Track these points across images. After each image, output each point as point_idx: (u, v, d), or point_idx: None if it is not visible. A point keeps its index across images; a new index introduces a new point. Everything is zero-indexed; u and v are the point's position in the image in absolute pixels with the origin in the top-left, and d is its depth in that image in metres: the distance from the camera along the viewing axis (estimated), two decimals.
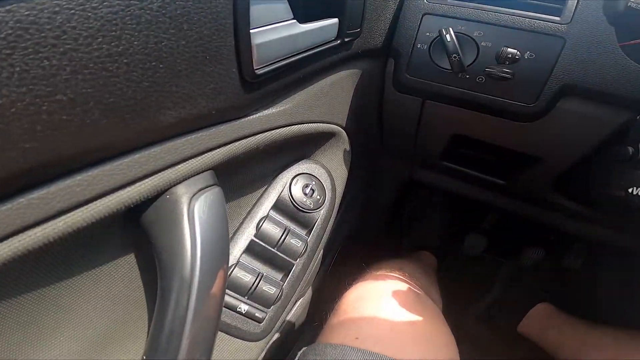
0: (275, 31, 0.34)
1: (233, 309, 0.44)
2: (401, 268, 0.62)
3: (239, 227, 0.45)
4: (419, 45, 0.49)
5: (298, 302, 0.54)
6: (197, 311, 0.29)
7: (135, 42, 0.23)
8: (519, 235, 1.00)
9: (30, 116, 0.19)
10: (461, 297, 0.93)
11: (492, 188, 0.74)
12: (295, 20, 0.36)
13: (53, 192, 0.21)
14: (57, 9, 0.19)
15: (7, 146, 0.19)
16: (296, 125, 0.45)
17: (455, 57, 0.46)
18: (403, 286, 0.51)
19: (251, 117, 0.37)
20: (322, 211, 0.50)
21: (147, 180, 0.27)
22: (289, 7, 0.36)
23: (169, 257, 0.29)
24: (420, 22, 0.49)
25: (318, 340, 0.47)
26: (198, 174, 0.32)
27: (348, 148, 0.59)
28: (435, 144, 0.66)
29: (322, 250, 0.53)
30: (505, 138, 0.56)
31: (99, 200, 0.24)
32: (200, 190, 0.31)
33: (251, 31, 0.31)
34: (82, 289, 0.30)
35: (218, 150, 0.33)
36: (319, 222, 0.50)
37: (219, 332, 0.44)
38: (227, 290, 0.43)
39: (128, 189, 0.26)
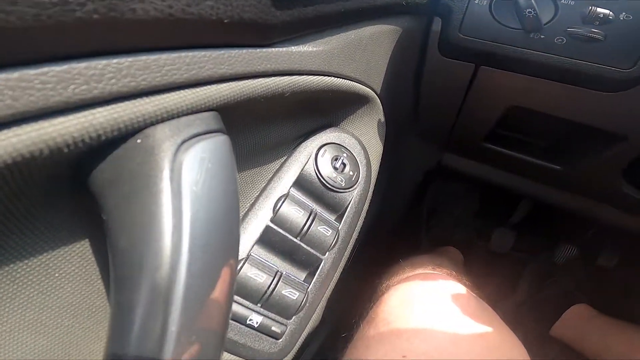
0: None
1: (242, 321, 0.32)
2: (440, 265, 0.50)
3: (250, 208, 0.33)
4: (476, 1, 0.42)
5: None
6: (182, 338, 0.17)
7: None
8: (552, 231, 0.89)
9: None
10: (485, 297, 0.83)
11: (539, 176, 0.63)
12: None
13: None
14: None
15: None
16: (330, 77, 0.33)
17: (530, 12, 0.39)
18: (459, 288, 0.40)
19: (278, 48, 0.25)
20: (355, 191, 0.38)
21: (99, 109, 0.15)
22: None
23: (131, 246, 0.17)
24: None
25: (348, 355, 0.36)
26: (194, 113, 0.20)
27: (382, 120, 0.48)
28: (483, 120, 0.55)
29: (353, 243, 0.42)
30: (583, 111, 0.46)
31: None
32: (195, 136, 0.19)
33: None
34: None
35: (228, 84, 0.21)
36: (352, 205, 0.38)
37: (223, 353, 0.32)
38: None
39: (60, 119, 0.14)
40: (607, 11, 0.37)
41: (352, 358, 0.34)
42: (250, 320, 0.31)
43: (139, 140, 0.18)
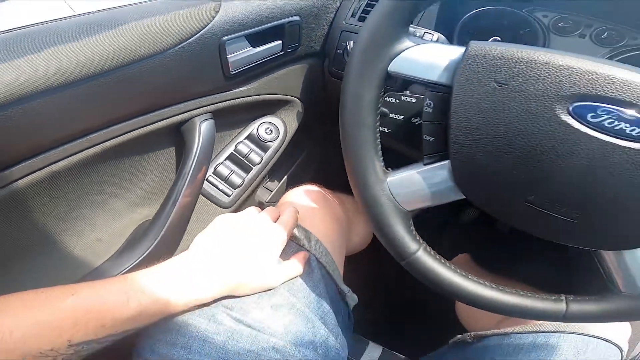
0: (242, 53, 0.68)
1: (215, 186, 0.79)
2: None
3: (226, 146, 0.81)
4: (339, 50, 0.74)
5: None
6: (190, 188, 0.65)
7: None
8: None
9: None
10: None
11: None
12: (250, 47, 0.69)
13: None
14: None
15: None
16: (261, 95, 0.79)
17: None
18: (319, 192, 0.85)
19: (234, 90, 0.72)
20: (274, 143, 0.84)
21: (184, 114, 0.64)
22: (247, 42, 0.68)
23: (190, 146, 0.65)
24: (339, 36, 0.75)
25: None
26: (205, 113, 0.68)
27: (301, 110, 0.92)
28: None
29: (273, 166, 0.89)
30: None
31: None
32: (205, 119, 0.67)
33: (227, 56, 0.65)
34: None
35: (216, 105, 0.68)
36: (271, 149, 0.84)
37: (203, 198, 0.79)
38: (212, 175, 0.78)
39: (177, 117, 0.63)
40: None
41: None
42: (218, 187, 0.80)
43: (192, 119, 0.67)
